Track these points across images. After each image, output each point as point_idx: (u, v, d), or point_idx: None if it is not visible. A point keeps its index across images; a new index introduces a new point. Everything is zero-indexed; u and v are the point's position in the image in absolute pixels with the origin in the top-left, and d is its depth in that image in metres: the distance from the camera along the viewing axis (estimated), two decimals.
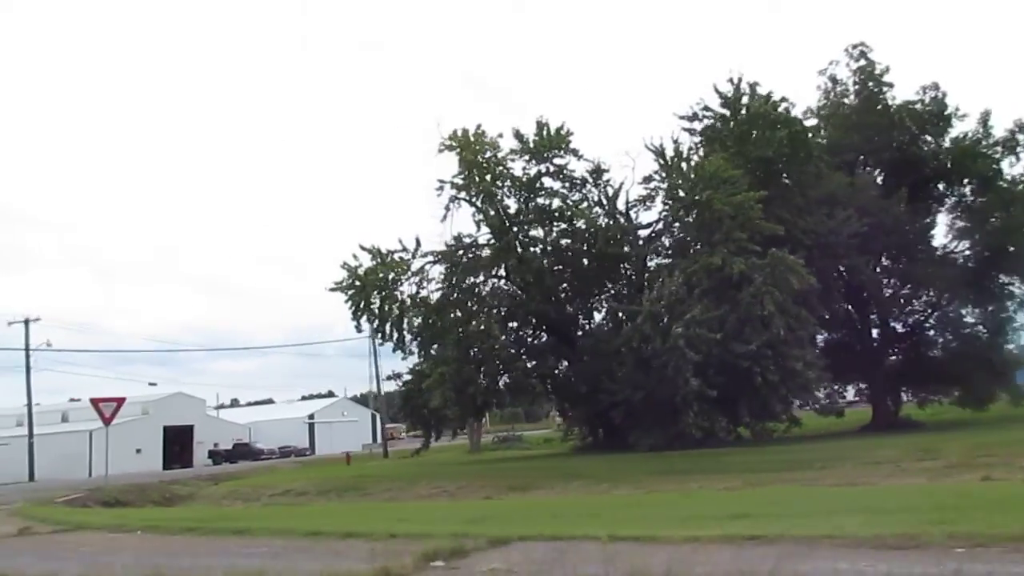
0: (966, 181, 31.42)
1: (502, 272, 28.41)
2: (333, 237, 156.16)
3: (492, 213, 28.11)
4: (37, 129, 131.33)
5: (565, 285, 29.13)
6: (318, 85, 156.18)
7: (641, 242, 29.84)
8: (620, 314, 29.78)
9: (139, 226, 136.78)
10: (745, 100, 26.99)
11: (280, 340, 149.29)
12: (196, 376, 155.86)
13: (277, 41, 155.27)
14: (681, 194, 26.66)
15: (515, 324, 29.26)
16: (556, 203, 28.98)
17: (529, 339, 29.22)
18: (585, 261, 29.58)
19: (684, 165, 27.46)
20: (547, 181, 28.75)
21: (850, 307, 31.57)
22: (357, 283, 27.87)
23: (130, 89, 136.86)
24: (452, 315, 27.11)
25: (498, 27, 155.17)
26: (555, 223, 28.88)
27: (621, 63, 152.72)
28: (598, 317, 31.16)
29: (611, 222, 29.31)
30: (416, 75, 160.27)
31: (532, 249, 28.40)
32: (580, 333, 29.16)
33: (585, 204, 29.25)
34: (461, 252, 28.12)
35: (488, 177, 27.74)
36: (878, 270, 31.02)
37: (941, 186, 32.27)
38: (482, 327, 26.92)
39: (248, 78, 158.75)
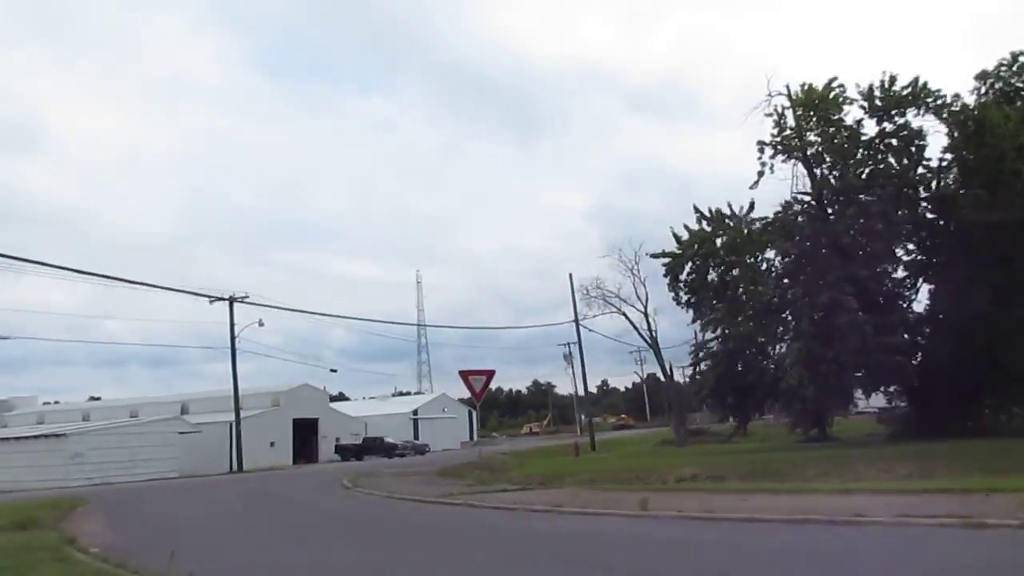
0: None
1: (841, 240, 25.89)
2: (336, 242, 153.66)
3: (826, 176, 25.76)
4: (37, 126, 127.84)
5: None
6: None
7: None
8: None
9: (135, 227, 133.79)
10: None
11: (279, 343, 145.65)
12: (192, 379, 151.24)
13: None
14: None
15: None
16: (884, 166, 26.72)
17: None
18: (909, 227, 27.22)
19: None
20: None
21: None
22: (680, 251, 25.46)
23: (138, 77, 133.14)
24: (802, 283, 24.65)
25: None
26: (903, 189, 26.51)
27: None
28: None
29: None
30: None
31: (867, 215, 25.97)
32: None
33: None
34: (794, 217, 25.70)
35: (827, 137, 25.41)
36: None
37: None
38: (830, 298, 24.45)
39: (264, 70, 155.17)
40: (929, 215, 28.35)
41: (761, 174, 26.28)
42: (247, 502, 19.71)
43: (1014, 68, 26.67)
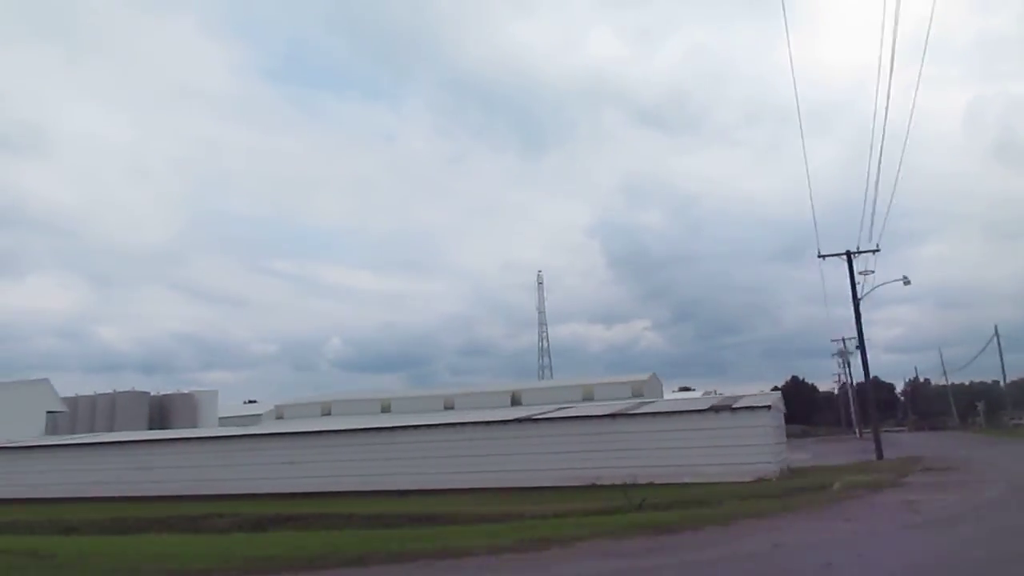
0: None
1: None
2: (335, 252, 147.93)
3: None
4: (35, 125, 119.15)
5: None
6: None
7: None
8: None
9: (133, 228, 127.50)
10: None
11: (276, 351, 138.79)
12: (190, 385, 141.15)
13: None
14: None
15: None
16: None
17: None
18: None
19: None
20: None
21: None
22: None
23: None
24: None
25: None
26: None
27: None
28: None
29: None
30: None
31: None
32: None
33: None
34: None
35: None
36: None
37: None
38: None
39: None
40: None
41: None
42: None
43: None
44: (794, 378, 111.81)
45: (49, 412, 33.63)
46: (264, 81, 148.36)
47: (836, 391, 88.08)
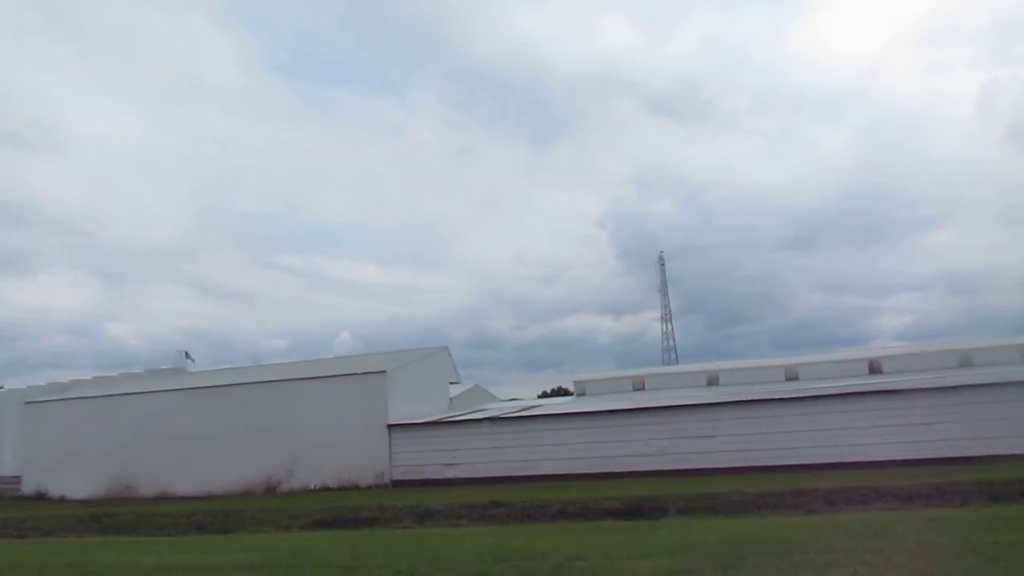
0: None
1: None
2: (342, 246, 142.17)
3: None
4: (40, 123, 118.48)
5: None
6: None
7: None
8: None
9: (143, 225, 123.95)
10: None
11: (284, 349, 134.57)
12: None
13: None
14: None
15: None
16: None
17: None
18: None
19: None
20: None
21: None
22: None
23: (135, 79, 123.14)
24: None
25: None
26: None
27: None
28: None
29: None
30: None
31: None
32: None
33: None
34: None
35: None
36: None
37: None
38: None
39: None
40: None
41: None
42: None
43: None
44: None
45: (452, 383, 30.63)
46: (272, 75, 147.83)
47: None
